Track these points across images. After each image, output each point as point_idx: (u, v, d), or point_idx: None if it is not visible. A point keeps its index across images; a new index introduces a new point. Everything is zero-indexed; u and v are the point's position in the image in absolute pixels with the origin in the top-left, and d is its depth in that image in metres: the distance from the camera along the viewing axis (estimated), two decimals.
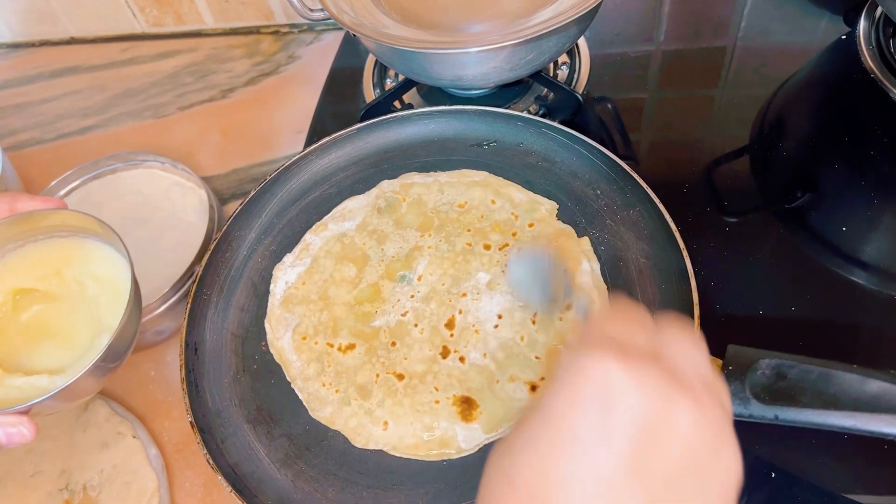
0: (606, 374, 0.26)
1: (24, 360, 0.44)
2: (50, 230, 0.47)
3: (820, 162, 0.62)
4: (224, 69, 0.84)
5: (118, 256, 0.46)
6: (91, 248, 0.47)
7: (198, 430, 0.46)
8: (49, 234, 0.47)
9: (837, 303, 0.53)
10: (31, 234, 0.47)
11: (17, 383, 0.41)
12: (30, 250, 0.47)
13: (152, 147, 0.73)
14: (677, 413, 0.26)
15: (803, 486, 0.45)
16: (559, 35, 0.58)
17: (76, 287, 0.46)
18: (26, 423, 0.39)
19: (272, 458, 0.47)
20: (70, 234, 0.47)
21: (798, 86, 0.68)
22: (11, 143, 0.80)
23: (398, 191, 0.58)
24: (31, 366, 0.43)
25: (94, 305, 0.45)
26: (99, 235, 0.46)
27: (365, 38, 0.59)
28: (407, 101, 0.71)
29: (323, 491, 0.45)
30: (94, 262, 0.46)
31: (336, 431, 0.47)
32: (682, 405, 0.26)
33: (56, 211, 0.46)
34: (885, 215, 0.58)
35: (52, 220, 0.46)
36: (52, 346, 0.44)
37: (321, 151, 0.61)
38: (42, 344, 0.44)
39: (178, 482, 0.53)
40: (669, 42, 0.75)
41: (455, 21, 0.63)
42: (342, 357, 0.50)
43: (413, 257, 0.54)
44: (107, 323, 0.44)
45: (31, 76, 0.88)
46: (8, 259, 0.46)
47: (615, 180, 0.55)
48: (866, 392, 0.40)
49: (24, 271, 0.46)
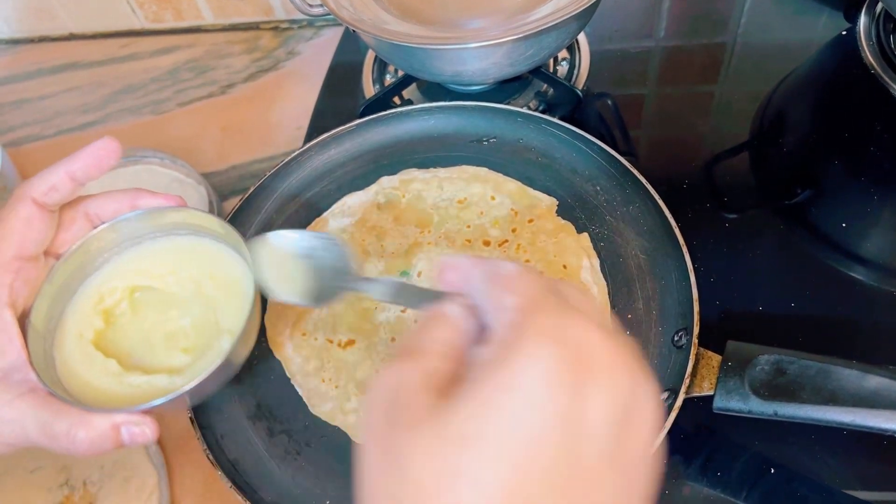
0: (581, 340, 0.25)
1: (142, 359, 0.43)
2: (169, 228, 0.46)
3: (820, 158, 0.62)
4: (223, 65, 0.84)
5: (237, 257, 0.45)
6: (209, 248, 0.45)
7: (197, 426, 0.46)
8: (167, 233, 0.46)
9: (837, 299, 0.53)
10: (151, 232, 0.45)
11: (137, 382, 0.40)
12: (148, 248, 0.45)
13: (151, 143, 0.73)
14: (647, 400, 0.25)
15: (802, 482, 0.45)
16: (559, 31, 0.58)
17: (193, 287, 0.44)
18: (149, 424, 0.38)
19: (272, 453, 0.47)
20: (188, 233, 0.46)
21: (798, 82, 0.68)
22: (10, 140, 0.79)
23: (397, 187, 0.58)
24: (149, 365, 0.42)
25: (212, 306, 0.44)
26: (219, 235, 0.45)
27: (364, 33, 0.59)
28: (406, 97, 0.71)
29: (323, 487, 0.45)
30: (212, 263, 0.45)
31: (336, 427, 0.47)
32: (649, 392, 0.25)
33: (178, 209, 0.44)
34: (885, 212, 0.58)
35: (173, 217, 0.45)
36: (170, 346, 0.43)
37: (320, 147, 0.61)
38: (159, 343, 0.43)
39: (177, 478, 0.53)
40: (669, 38, 0.75)
41: (454, 16, 0.63)
42: (342, 353, 0.50)
43: (412, 253, 0.54)
44: (225, 324, 0.43)
45: (30, 72, 0.88)
46: (127, 256, 0.45)
47: (615, 176, 0.55)
48: (865, 388, 0.40)
49: (141, 269, 0.45)
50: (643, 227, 0.53)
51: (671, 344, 0.47)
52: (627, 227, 0.53)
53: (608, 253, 0.52)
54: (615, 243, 0.53)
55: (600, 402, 0.24)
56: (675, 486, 0.46)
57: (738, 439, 0.47)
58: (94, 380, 0.40)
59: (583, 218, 0.54)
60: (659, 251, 0.51)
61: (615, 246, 0.53)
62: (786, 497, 0.45)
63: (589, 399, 0.24)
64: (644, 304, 0.50)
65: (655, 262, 0.51)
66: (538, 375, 0.24)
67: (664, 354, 0.47)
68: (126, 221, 0.44)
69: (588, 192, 0.56)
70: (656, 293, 0.50)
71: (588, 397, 0.24)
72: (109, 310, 0.44)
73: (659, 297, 0.49)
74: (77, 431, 0.37)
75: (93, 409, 0.38)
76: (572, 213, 0.55)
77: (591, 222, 0.54)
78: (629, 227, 0.53)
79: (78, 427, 0.37)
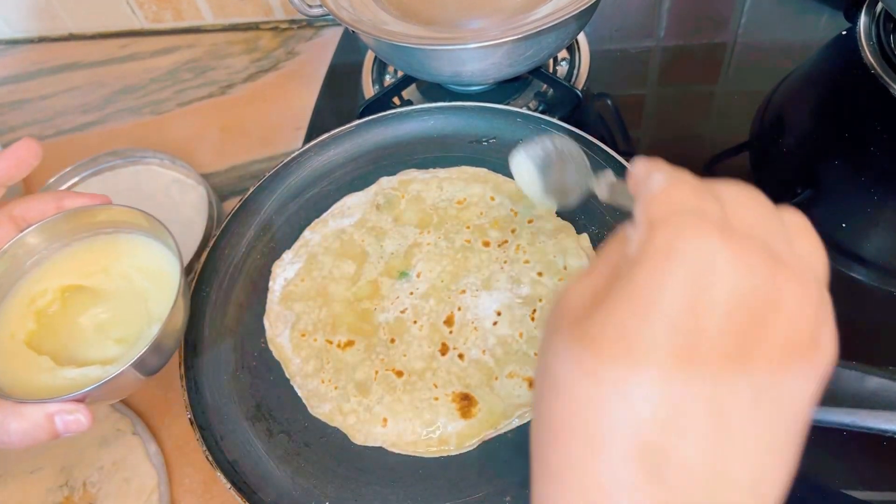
0: (709, 254, 0.22)
1: (76, 353, 0.44)
2: (96, 227, 0.47)
3: (820, 158, 0.62)
4: (223, 65, 0.83)
5: (165, 249, 0.46)
6: (137, 242, 0.47)
7: (197, 427, 0.46)
8: (94, 232, 0.47)
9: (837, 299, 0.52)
10: (78, 232, 0.47)
11: (71, 375, 0.42)
12: (76, 248, 0.47)
13: (151, 143, 0.73)
14: (782, 293, 0.23)
15: (802, 482, 0.45)
16: (558, 31, 0.58)
17: (123, 282, 0.46)
18: (83, 411, 0.39)
19: (271, 454, 0.47)
20: (115, 231, 0.47)
21: (798, 82, 0.68)
22: (10, 140, 0.79)
23: (397, 187, 0.58)
24: (83, 358, 0.43)
25: (143, 299, 0.45)
26: (145, 229, 0.46)
27: (363, 34, 0.59)
28: (406, 98, 0.71)
29: (322, 488, 0.45)
30: (141, 256, 0.46)
31: (335, 428, 0.47)
32: (786, 284, 0.23)
33: (103, 207, 0.46)
34: (886, 212, 0.57)
35: (99, 216, 0.46)
36: (103, 339, 0.44)
37: (320, 148, 0.61)
38: (92, 337, 0.45)
39: (177, 479, 0.53)
40: (670, 38, 0.75)
41: (454, 17, 0.63)
42: (341, 354, 0.50)
43: (412, 254, 0.54)
44: (157, 315, 0.44)
45: (30, 72, 0.88)
46: (55, 257, 0.46)
47: None
48: (865, 388, 0.40)
49: (71, 269, 0.46)
50: None
51: None
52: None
53: None
54: None
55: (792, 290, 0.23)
56: None
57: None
58: (28, 377, 0.41)
59: (582, 218, 0.54)
60: None
61: None
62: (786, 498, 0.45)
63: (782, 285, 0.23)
64: None
65: None
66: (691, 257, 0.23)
67: None
68: (53, 223, 0.45)
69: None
70: None
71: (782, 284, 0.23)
72: (41, 310, 0.45)
73: None
74: (10, 423, 0.38)
75: (25, 401, 0.39)
76: (572, 213, 0.55)
77: (591, 223, 0.54)
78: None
79: (11, 418, 0.38)
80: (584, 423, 0.23)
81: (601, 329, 0.23)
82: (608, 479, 0.23)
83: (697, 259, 0.22)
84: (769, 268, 0.23)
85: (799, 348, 0.23)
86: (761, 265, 0.23)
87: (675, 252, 0.23)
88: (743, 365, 0.22)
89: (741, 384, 0.22)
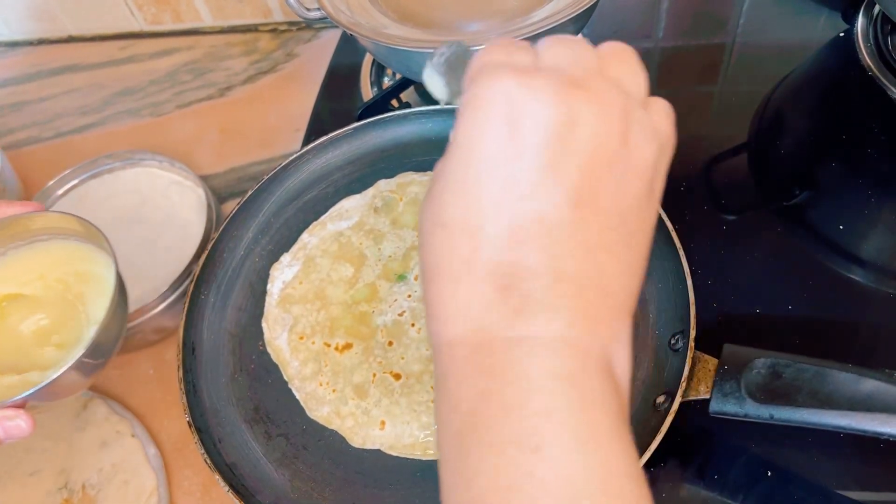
0: (507, 93, 0.27)
1: (15, 361, 0.44)
2: (31, 234, 0.47)
3: (818, 159, 0.62)
4: (222, 67, 0.84)
5: (102, 254, 0.46)
6: (73, 248, 0.47)
7: (195, 430, 0.46)
8: (30, 240, 0.47)
9: (835, 300, 0.53)
10: (13, 240, 0.47)
11: (9, 382, 0.42)
12: (12, 257, 0.47)
13: (150, 145, 0.73)
14: (580, 111, 0.27)
15: (799, 485, 0.45)
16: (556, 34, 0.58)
17: (61, 288, 0.46)
18: (24, 417, 0.39)
19: (269, 457, 0.47)
20: (51, 237, 0.47)
21: (796, 83, 0.68)
22: (9, 142, 0.80)
23: (395, 190, 0.58)
24: (22, 365, 0.44)
25: (81, 304, 0.45)
26: (81, 235, 0.47)
27: (361, 37, 0.59)
28: (404, 100, 0.71)
29: (320, 490, 0.45)
30: (78, 262, 0.47)
31: (333, 431, 0.47)
32: (583, 103, 0.27)
33: (36, 214, 0.46)
34: (883, 213, 0.58)
35: (34, 224, 0.46)
36: (41, 344, 0.45)
37: (318, 151, 0.61)
38: (30, 344, 0.45)
39: (176, 481, 0.53)
40: (668, 39, 0.75)
41: (452, 20, 0.63)
42: (339, 357, 0.50)
43: (410, 257, 0.54)
44: (94, 317, 0.45)
45: (30, 74, 0.88)
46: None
47: None
48: (861, 391, 0.40)
49: (8, 277, 0.46)
50: None
51: (668, 347, 0.47)
52: None
53: None
54: None
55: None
56: (672, 489, 0.46)
57: (734, 442, 0.47)
58: None
59: None
60: (655, 254, 0.51)
61: None
62: (783, 500, 0.45)
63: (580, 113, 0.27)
64: (641, 307, 0.50)
65: (652, 266, 0.51)
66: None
67: (661, 358, 0.47)
68: None
69: None
70: (653, 296, 0.50)
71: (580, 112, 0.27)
72: None
73: (656, 301, 0.49)
74: None
75: None
76: None
77: None
78: None
79: None
80: (449, 264, 0.28)
81: (442, 186, 0.28)
82: (471, 301, 0.27)
83: (498, 101, 0.27)
84: (565, 93, 0.26)
85: (605, 154, 0.27)
86: (556, 94, 0.26)
87: (477, 100, 0.27)
88: (556, 177, 0.26)
89: (557, 195, 0.27)
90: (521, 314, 0.26)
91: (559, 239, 0.27)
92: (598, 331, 0.27)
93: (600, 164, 0.27)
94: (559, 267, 0.27)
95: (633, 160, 0.28)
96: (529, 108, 0.26)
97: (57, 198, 0.69)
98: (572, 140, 0.26)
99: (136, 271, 0.62)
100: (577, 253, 0.27)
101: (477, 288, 0.27)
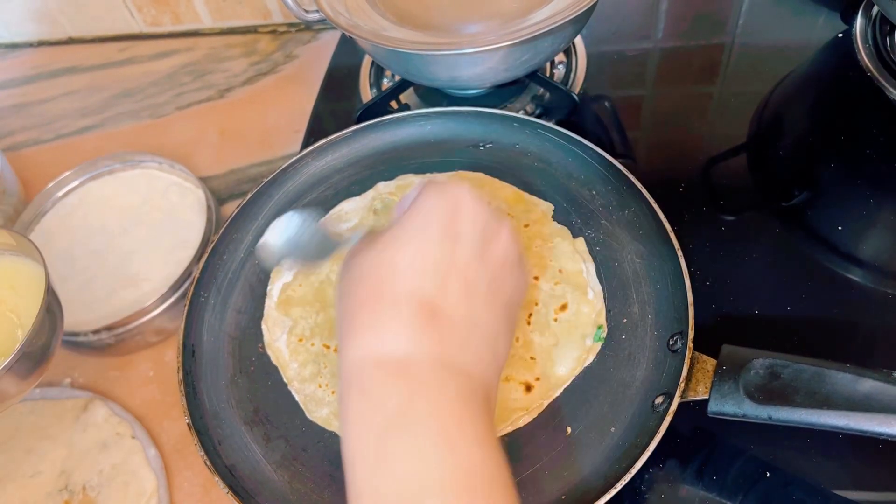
0: (457, 195, 0.37)
1: None
2: None
3: (816, 160, 0.62)
4: (221, 69, 0.84)
5: (33, 264, 0.47)
6: (6, 261, 0.48)
7: (195, 432, 0.47)
8: None
9: (833, 301, 0.53)
10: None
11: None
12: None
13: (150, 147, 0.73)
14: (503, 229, 0.39)
15: (798, 485, 0.45)
16: (555, 35, 0.58)
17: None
18: None
19: (269, 459, 0.47)
20: None
21: (795, 83, 0.68)
22: (9, 144, 0.80)
23: (394, 192, 0.58)
24: None
25: (15, 313, 0.47)
26: (13, 248, 0.48)
27: (360, 39, 0.59)
28: (403, 102, 0.71)
29: (319, 492, 0.45)
30: (11, 275, 0.48)
31: (332, 433, 0.47)
32: (505, 225, 0.39)
33: None
34: (882, 213, 0.58)
35: None
36: None
37: (318, 153, 0.61)
38: None
39: (176, 482, 0.53)
40: (667, 39, 0.75)
41: (451, 22, 0.63)
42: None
43: None
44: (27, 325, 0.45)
45: (29, 76, 0.88)
46: None
47: (610, 181, 0.55)
48: (859, 391, 0.40)
49: None
50: (639, 232, 0.53)
51: (666, 348, 0.47)
52: (623, 231, 0.53)
53: (604, 257, 0.52)
54: (611, 247, 0.53)
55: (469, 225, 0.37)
56: (671, 489, 0.46)
57: (733, 443, 0.47)
58: None
59: (579, 222, 0.54)
60: (655, 255, 0.51)
61: (611, 250, 0.53)
62: (782, 500, 0.45)
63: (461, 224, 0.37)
64: (640, 307, 0.50)
65: (651, 266, 0.51)
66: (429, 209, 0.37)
67: (659, 358, 0.47)
68: None
69: (584, 197, 0.56)
70: (652, 297, 0.50)
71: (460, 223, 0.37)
72: None
73: (655, 301, 0.50)
74: None
75: None
76: (568, 217, 0.55)
77: (587, 227, 0.54)
78: (625, 232, 0.53)
79: None
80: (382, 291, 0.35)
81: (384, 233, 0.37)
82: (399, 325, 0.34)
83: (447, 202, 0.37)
84: (496, 214, 0.39)
85: (510, 263, 0.39)
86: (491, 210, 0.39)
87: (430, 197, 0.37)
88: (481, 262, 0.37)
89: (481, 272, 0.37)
90: None
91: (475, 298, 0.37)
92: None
93: (506, 267, 0.39)
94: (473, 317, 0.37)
95: (521, 277, 0.41)
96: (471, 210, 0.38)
97: (57, 199, 0.69)
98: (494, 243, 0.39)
99: (136, 273, 0.62)
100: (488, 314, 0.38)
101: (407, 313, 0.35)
